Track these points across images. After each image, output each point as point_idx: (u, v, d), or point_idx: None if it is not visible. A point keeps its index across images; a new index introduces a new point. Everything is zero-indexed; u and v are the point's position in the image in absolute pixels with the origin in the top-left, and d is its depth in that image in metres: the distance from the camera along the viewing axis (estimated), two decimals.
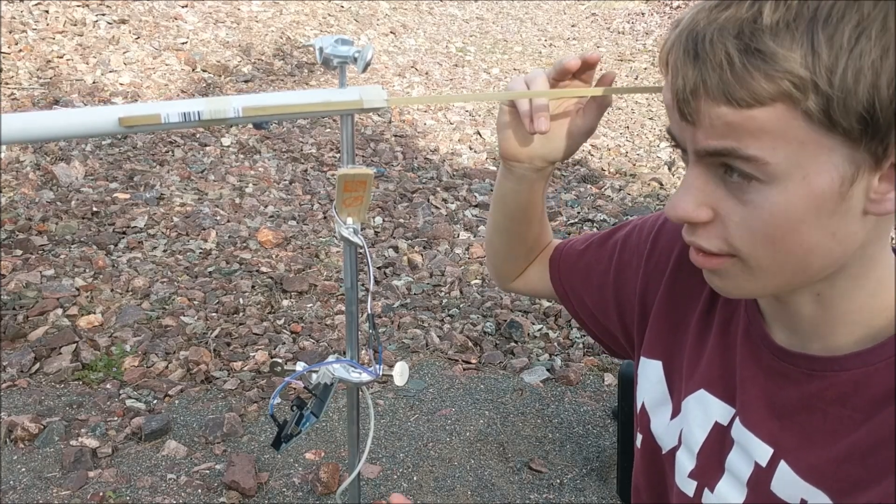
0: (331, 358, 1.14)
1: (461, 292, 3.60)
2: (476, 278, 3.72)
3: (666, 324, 0.81)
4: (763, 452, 0.66)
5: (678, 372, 0.78)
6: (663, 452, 0.79)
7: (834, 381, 0.62)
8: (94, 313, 3.12)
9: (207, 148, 4.94)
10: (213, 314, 3.20)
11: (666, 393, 0.80)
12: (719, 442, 0.71)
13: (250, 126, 5.28)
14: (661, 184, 5.03)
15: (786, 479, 0.63)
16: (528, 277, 1.02)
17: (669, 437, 0.78)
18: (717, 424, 0.72)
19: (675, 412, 0.78)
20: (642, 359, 0.83)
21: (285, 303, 3.38)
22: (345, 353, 1.19)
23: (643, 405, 0.82)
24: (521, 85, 0.76)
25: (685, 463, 0.74)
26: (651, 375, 0.81)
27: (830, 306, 0.62)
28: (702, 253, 0.61)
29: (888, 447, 0.57)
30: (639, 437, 0.84)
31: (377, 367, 1.08)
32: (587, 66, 0.76)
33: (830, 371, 0.62)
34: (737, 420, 0.69)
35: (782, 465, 0.64)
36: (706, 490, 0.71)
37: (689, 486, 0.73)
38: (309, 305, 3.36)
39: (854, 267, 0.60)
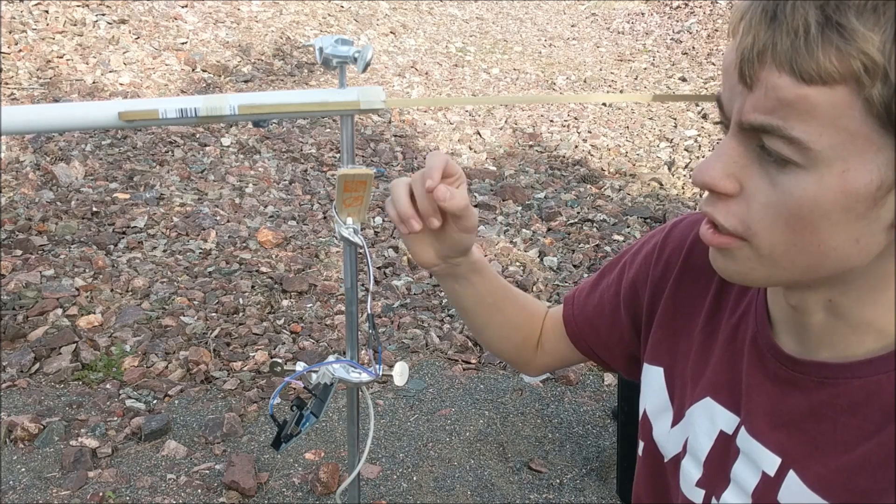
0: (331, 358, 1.13)
1: None
2: None
3: (669, 328, 0.80)
4: (771, 462, 0.64)
5: (681, 378, 0.77)
6: (665, 461, 0.78)
7: (845, 388, 0.60)
8: (94, 313, 3.12)
9: (207, 148, 4.94)
10: (213, 314, 3.20)
11: (667, 399, 0.79)
12: (724, 451, 0.70)
13: (250, 126, 5.28)
14: (661, 184, 5.03)
15: (794, 490, 0.62)
16: (546, 352, 0.99)
17: (671, 445, 0.77)
18: (721, 433, 0.70)
19: (677, 419, 0.77)
20: (645, 365, 0.82)
21: (285, 303, 3.37)
22: (345, 353, 1.19)
23: (645, 412, 0.81)
24: (402, 191, 0.80)
25: (691, 471, 0.73)
26: (653, 382, 0.80)
27: (842, 315, 0.60)
28: (713, 229, 0.59)
29: None
30: (640, 445, 0.83)
31: (377, 367, 1.08)
32: (446, 175, 0.78)
33: (842, 378, 0.60)
34: (742, 429, 0.68)
35: (791, 475, 0.62)
36: (713, 499, 0.70)
37: (696, 495, 0.72)
38: (309, 305, 3.36)
39: (870, 278, 0.58)
